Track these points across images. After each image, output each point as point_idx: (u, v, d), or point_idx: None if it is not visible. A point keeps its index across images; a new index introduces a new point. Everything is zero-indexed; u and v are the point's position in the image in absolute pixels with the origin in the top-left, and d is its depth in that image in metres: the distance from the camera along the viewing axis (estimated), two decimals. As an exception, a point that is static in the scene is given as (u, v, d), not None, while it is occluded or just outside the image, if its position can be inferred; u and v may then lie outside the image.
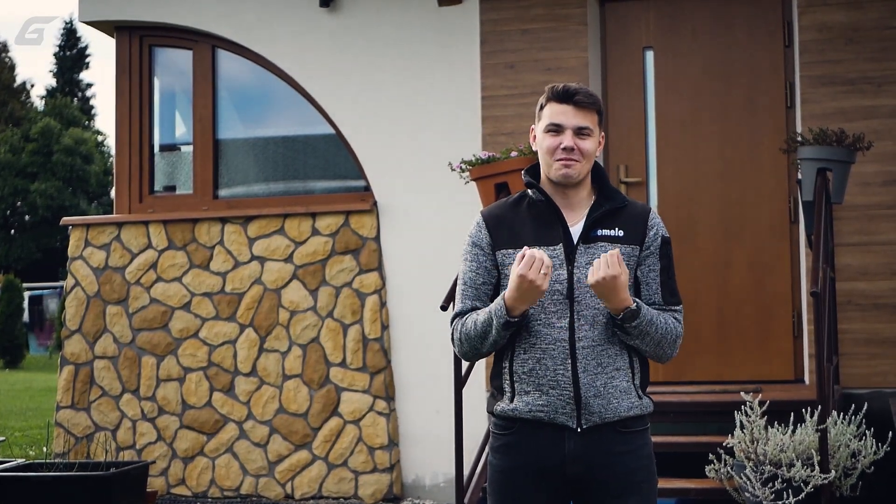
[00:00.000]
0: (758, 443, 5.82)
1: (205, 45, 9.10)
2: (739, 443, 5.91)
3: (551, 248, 3.62)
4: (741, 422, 5.99)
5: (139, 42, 9.24)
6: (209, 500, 8.59)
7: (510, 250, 3.66)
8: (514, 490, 3.64)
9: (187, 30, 9.10)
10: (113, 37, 9.35)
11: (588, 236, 3.63)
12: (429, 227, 8.42)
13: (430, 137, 8.49)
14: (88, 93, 49.96)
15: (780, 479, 5.69)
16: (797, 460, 5.72)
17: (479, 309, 3.68)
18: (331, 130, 8.81)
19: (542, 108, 3.72)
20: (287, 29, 8.84)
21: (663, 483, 6.40)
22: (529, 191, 3.74)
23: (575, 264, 3.60)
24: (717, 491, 6.16)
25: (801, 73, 7.72)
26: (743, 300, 7.92)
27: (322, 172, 9.01)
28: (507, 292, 3.52)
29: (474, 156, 7.35)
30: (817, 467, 5.72)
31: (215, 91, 9.10)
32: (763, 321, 7.88)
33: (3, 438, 8.62)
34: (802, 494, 5.66)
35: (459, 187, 7.76)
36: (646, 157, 8.15)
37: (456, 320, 3.73)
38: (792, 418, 6.01)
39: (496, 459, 3.70)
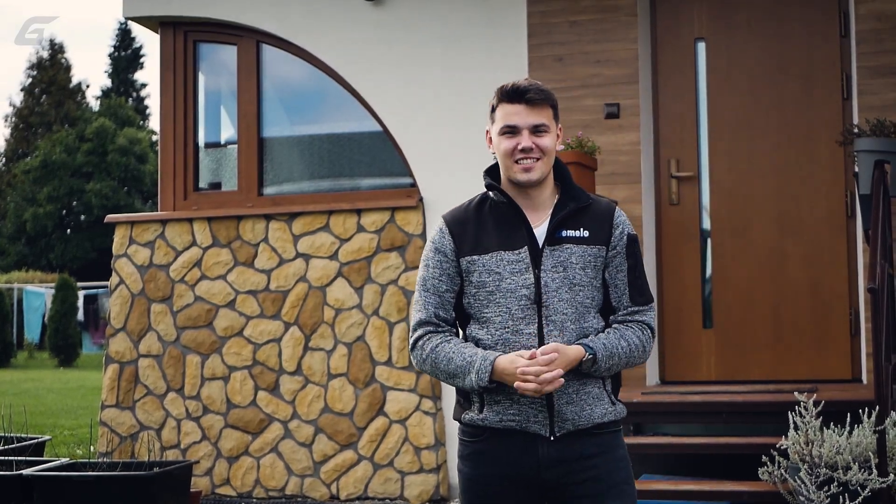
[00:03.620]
0: (813, 444, 5.66)
1: (249, 40, 9.02)
2: (794, 444, 5.77)
3: (516, 251, 3.52)
4: (795, 422, 5.83)
5: (183, 37, 9.19)
6: (254, 500, 8.51)
7: (474, 257, 3.55)
8: (487, 498, 3.54)
9: (231, 25, 9.02)
10: (157, 33, 9.31)
11: (553, 237, 3.53)
12: (475, 224, 8.27)
13: (477, 133, 8.28)
14: (143, 93, 50.47)
15: (836, 483, 5.53)
16: (854, 463, 5.56)
17: (441, 318, 3.58)
18: (377, 127, 8.70)
19: (493, 109, 3.62)
20: (332, 23, 8.74)
21: (715, 485, 6.29)
22: (490, 192, 3.63)
23: (541, 268, 3.50)
24: (770, 494, 6.02)
25: (858, 63, 7.52)
26: (798, 297, 7.73)
27: (368, 169, 8.91)
28: (500, 364, 3.40)
29: (520, 150, 7.20)
30: (875, 470, 5.56)
31: (260, 86, 9.02)
32: (819, 319, 7.68)
33: (50, 437, 8.59)
34: (859, 499, 5.51)
35: (506, 182, 7.61)
36: (697, 151, 7.97)
37: (422, 331, 3.59)
38: (849, 419, 5.85)
39: (466, 468, 3.59)
